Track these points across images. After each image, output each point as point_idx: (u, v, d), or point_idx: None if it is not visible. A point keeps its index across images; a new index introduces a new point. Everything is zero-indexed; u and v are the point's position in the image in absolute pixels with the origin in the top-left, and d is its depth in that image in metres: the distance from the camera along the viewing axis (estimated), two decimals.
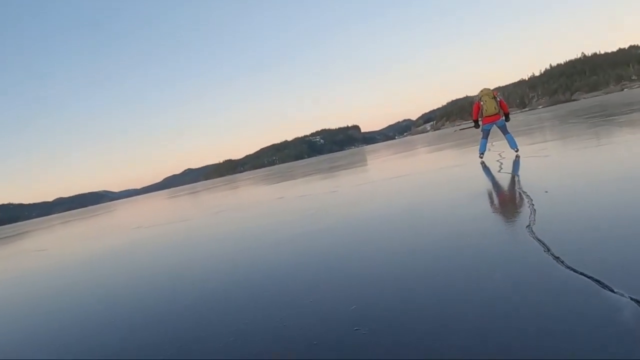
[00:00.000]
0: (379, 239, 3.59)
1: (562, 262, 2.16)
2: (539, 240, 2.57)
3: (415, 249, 3.04)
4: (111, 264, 5.47)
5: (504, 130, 8.25)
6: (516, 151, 7.90)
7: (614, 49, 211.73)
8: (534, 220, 3.05)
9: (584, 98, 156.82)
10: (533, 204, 3.53)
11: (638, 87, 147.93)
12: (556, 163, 5.94)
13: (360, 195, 7.03)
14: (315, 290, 2.59)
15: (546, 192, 3.97)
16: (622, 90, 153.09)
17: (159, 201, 29.26)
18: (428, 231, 3.51)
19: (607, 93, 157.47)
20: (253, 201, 10.60)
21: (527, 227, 2.92)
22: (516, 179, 5.14)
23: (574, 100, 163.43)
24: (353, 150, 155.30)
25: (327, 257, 3.38)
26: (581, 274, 1.97)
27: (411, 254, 2.95)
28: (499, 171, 6.28)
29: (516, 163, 6.91)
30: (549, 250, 2.37)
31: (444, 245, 2.96)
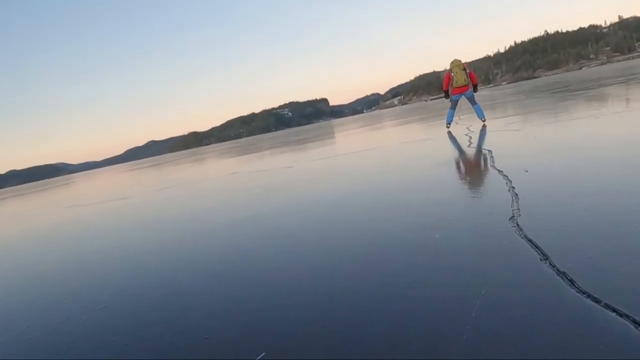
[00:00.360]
0: (325, 226, 2.87)
1: (575, 285, 1.50)
2: (531, 242, 1.91)
3: (375, 242, 2.33)
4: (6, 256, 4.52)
5: (472, 101, 8.49)
6: (483, 121, 8.21)
7: (575, 28, 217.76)
8: (518, 210, 2.40)
9: (546, 75, 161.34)
10: (513, 187, 2.90)
11: (595, 65, 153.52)
12: (530, 138, 5.39)
13: (317, 171, 6.29)
14: (231, 295, 1.84)
15: (526, 171, 3.35)
16: (581, 68, 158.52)
17: (111, 175, 27.50)
18: (390, 218, 2.81)
19: (566, 71, 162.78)
20: (204, 177, 9.66)
21: (510, 219, 2.27)
22: (489, 155, 4.53)
23: (536, 77, 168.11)
24: (321, 123, 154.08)
25: (251, 257, 2.62)
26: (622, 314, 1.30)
27: (367, 252, 2.23)
28: (469, 146, 5.68)
29: (483, 133, 6.89)
30: (549, 261, 1.71)
31: (412, 244, 2.27)
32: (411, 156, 5.97)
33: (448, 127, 8.73)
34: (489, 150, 4.78)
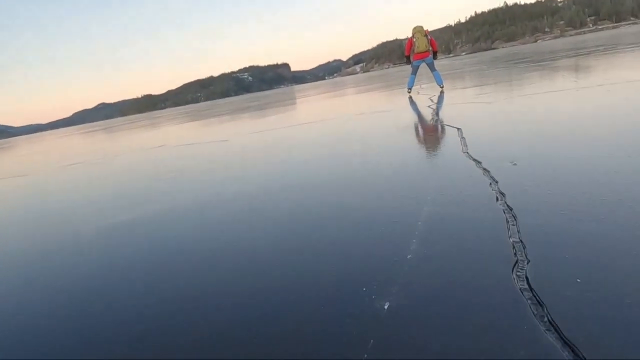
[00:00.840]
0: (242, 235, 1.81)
1: None
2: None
3: (303, 255, 1.30)
4: None
5: (432, 67, 8.66)
6: (441, 87, 8.50)
7: (533, 1, 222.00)
8: (522, 247, 1.42)
9: (503, 47, 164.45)
10: (503, 194, 1.93)
11: (549, 39, 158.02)
12: (504, 113, 4.49)
13: (250, 149, 5.14)
14: None
15: (514, 164, 2.40)
16: (536, 41, 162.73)
17: (42, 141, 24.75)
18: (329, 225, 1.78)
19: (523, 44, 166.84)
20: (125, 150, 8.20)
21: (513, 267, 1.29)
22: (459, 135, 3.57)
23: (494, 48, 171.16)
24: (282, 89, 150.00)
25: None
26: None
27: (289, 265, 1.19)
28: (434, 121, 4.71)
29: (441, 101, 6.73)
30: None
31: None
32: (366, 134, 4.94)
33: (409, 93, 8.90)
34: (458, 129, 3.81)
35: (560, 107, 4.16)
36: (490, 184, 2.11)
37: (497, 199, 1.87)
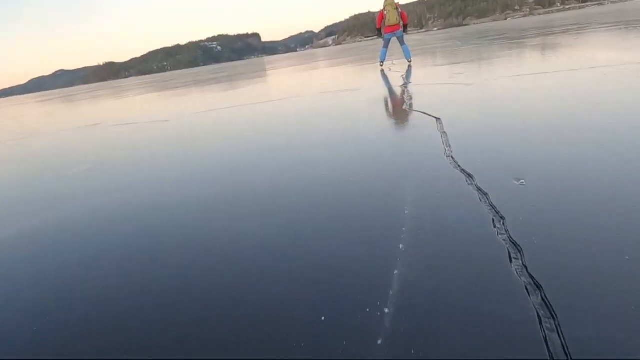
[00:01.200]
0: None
1: None
2: None
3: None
4: None
5: (401, 41, 8.73)
6: (409, 61, 8.66)
7: None
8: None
9: (474, 24, 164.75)
10: (516, 246, 1.22)
11: (519, 17, 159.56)
12: (488, 98, 3.80)
13: (187, 134, 4.26)
14: None
15: (521, 182, 1.69)
16: (506, 19, 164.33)
17: None
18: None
19: (494, 21, 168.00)
20: (55, 128, 7.06)
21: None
22: (439, 127, 2.85)
23: (466, 25, 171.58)
24: (252, 60, 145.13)
25: None
26: None
27: None
28: (408, 107, 3.96)
29: (409, 73, 6.86)
30: None
31: None
32: (325, 127, 4.15)
33: (381, 66, 8.87)
34: (437, 119, 3.09)
35: (554, 92, 3.50)
36: (495, 225, 1.39)
37: (517, 272, 1.14)
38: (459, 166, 1.99)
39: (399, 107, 4.05)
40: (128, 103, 10.94)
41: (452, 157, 2.15)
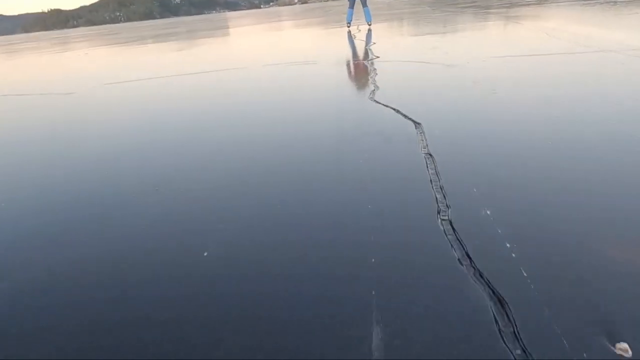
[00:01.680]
0: None
1: None
2: None
3: None
4: None
5: (364, 3, 8.51)
6: (369, 24, 8.54)
7: None
8: None
9: None
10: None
11: None
12: (487, 93, 2.93)
13: (92, 113, 3.15)
14: None
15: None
16: None
17: None
18: None
19: None
20: None
21: None
22: (423, 141, 1.97)
23: None
24: (212, 15, 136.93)
25: None
26: None
27: None
28: (373, 98, 3.03)
29: (369, 37, 6.80)
30: None
31: None
32: (281, 122, 3.17)
33: (348, 27, 8.81)
34: (417, 125, 2.19)
35: (566, 84, 2.68)
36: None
37: None
38: (455, 233, 1.11)
39: (363, 98, 3.08)
40: (50, 60, 9.29)
41: (447, 211, 1.27)
